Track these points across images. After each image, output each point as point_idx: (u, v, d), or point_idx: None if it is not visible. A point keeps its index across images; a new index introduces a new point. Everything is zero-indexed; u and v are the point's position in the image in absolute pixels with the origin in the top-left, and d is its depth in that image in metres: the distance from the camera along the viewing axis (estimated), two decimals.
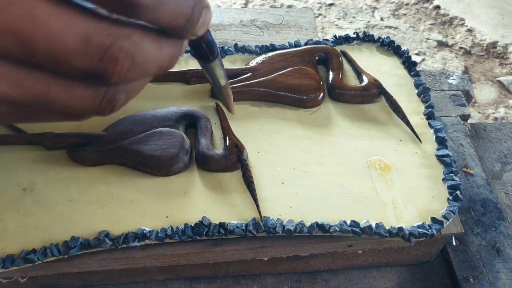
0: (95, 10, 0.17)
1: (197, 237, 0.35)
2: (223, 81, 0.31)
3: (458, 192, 0.38)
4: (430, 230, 0.36)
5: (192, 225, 0.35)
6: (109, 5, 0.16)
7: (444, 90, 0.55)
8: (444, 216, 0.37)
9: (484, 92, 1.37)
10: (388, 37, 0.52)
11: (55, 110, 0.19)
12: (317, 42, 0.51)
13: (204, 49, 0.27)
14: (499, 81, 1.40)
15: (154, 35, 0.19)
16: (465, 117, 0.52)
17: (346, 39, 0.52)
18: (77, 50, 0.16)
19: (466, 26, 1.57)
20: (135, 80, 0.19)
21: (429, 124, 0.44)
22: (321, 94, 0.45)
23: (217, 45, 0.29)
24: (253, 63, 0.47)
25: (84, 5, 0.17)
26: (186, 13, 0.19)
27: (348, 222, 0.36)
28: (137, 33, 0.18)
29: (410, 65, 0.50)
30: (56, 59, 0.16)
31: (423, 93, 0.47)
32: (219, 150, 0.39)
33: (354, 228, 0.36)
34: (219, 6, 1.61)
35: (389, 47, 0.52)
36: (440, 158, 0.41)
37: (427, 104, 0.46)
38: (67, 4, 0.16)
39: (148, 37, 0.18)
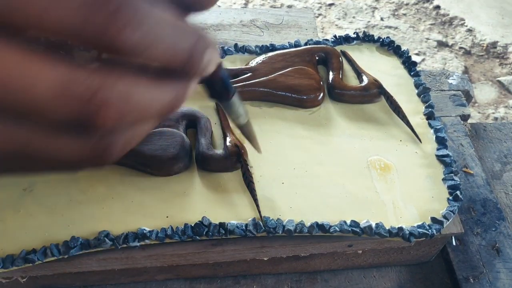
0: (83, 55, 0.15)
1: (197, 237, 0.35)
2: (242, 119, 0.30)
3: (458, 192, 0.38)
4: (430, 230, 0.36)
5: (192, 225, 0.35)
6: (93, 48, 0.15)
7: (444, 90, 0.55)
8: (444, 216, 0.37)
9: (484, 92, 1.37)
10: (388, 37, 0.52)
11: (43, 163, 0.17)
12: (317, 42, 0.51)
13: (218, 87, 0.25)
14: (499, 81, 1.40)
15: (151, 76, 0.17)
16: (465, 117, 0.52)
17: (346, 39, 0.52)
18: (53, 100, 0.15)
19: (466, 26, 1.57)
20: (130, 127, 0.17)
21: (429, 124, 0.44)
22: (321, 94, 0.45)
23: (221, 46, 0.28)
24: (253, 63, 0.47)
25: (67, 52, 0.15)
26: (185, 53, 0.17)
27: (348, 222, 0.36)
28: (128, 76, 0.16)
29: (410, 65, 0.50)
30: (32, 110, 0.15)
31: (423, 93, 0.47)
32: (219, 150, 0.39)
33: (354, 228, 0.36)
34: (219, 6, 1.61)
35: (389, 47, 0.52)
36: (440, 158, 0.41)
37: (427, 104, 0.46)
38: (42, 52, 0.15)
39: (143, 79, 0.16)
